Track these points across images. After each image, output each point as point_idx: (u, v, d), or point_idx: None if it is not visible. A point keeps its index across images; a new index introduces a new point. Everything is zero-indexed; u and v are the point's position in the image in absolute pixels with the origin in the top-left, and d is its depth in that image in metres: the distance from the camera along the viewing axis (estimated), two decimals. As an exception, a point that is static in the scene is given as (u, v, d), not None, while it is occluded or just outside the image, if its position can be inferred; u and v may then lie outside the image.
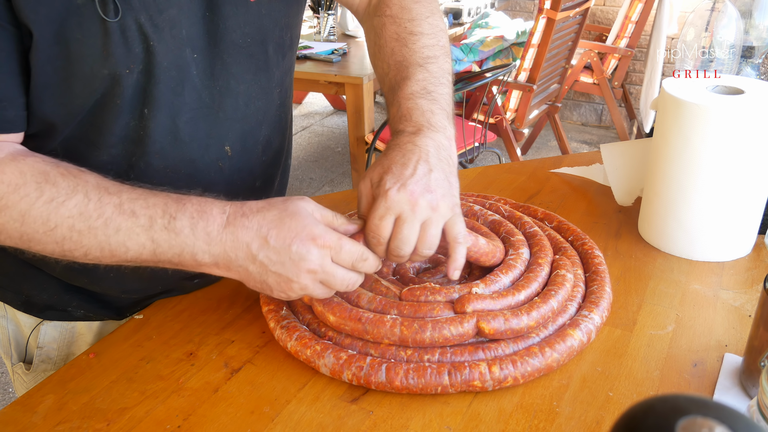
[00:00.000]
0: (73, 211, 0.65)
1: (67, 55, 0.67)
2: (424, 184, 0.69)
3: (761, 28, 1.09)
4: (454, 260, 0.73)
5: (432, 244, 0.71)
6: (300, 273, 0.67)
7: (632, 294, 0.84)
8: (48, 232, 0.65)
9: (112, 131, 0.74)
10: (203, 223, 0.67)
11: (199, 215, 0.67)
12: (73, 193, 0.65)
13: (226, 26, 0.77)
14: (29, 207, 0.64)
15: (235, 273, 0.69)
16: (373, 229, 0.69)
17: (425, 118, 0.76)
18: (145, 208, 0.66)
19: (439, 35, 0.86)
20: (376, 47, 0.88)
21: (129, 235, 0.66)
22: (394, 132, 0.77)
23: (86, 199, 0.65)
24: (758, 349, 0.66)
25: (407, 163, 0.70)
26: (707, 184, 0.87)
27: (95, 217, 0.65)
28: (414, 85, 0.79)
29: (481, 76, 2.69)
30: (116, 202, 0.66)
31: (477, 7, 3.80)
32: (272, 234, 0.66)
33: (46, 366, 0.93)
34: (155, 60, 0.71)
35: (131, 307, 0.90)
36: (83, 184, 0.66)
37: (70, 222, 0.65)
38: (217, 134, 0.81)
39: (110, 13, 0.67)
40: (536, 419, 0.65)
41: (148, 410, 0.67)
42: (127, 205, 0.66)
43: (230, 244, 0.67)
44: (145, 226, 0.66)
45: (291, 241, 0.66)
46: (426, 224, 0.69)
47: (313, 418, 0.66)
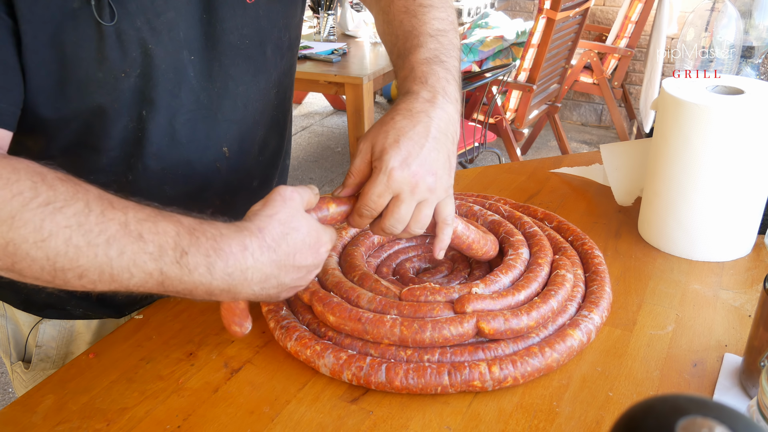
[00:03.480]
0: (72, 221, 0.55)
1: (61, 59, 0.66)
2: (429, 166, 0.67)
3: (761, 28, 1.09)
4: (440, 240, 0.73)
5: (424, 225, 0.70)
6: (311, 276, 0.68)
7: (632, 294, 0.84)
8: (39, 242, 0.54)
9: (110, 135, 0.74)
10: (222, 263, 0.60)
11: (216, 254, 0.59)
12: (72, 200, 0.56)
13: (224, 28, 0.77)
14: (21, 207, 0.54)
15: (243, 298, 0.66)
16: (370, 205, 0.68)
17: (441, 85, 0.72)
18: (154, 233, 0.58)
19: (449, 10, 0.84)
20: (385, 24, 0.85)
21: (134, 260, 0.57)
22: (406, 92, 0.73)
23: (87, 209, 0.56)
24: (758, 349, 0.66)
25: (415, 138, 0.67)
26: (707, 184, 0.87)
27: (96, 233, 0.56)
28: (427, 52, 0.76)
29: (481, 76, 2.70)
30: (122, 219, 0.57)
31: (477, 7, 3.80)
32: (298, 258, 0.65)
33: (44, 365, 0.93)
34: (153, 63, 0.71)
35: (130, 306, 0.90)
36: (84, 193, 0.57)
37: (67, 233, 0.55)
38: (215, 136, 0.81)
39: (106, 17, 0.66)
40: (536, 419, 0.65)
41: (148, 410, 0.67)
42: (133, 226, 0.57)
43: (257, 277, 0.63)
44: (153, 255, 0.57)
45: (311, 258, 0.66)
46: (421, 205, 0.69)
47: (313, 418, 0.66)
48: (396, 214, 0.68)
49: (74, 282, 0.58)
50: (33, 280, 0.58)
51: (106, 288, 0.59)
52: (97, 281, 0.58)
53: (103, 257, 0.56)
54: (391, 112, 0.70)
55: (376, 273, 0.84)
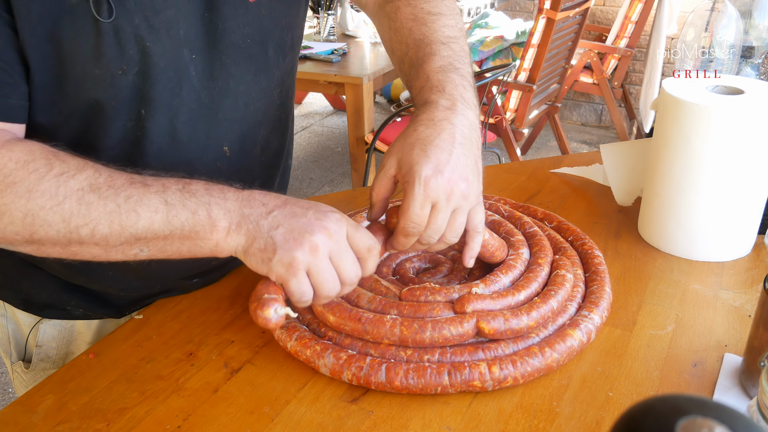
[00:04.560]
0: (83, 183, 0.63)
1: (58, 54, 0.67)
2: (461, 171, 0.66)
3: (761, 28, 1.09)
4: (470, 248, 0.73)
5: (459, 232, 0.69)
6: (315, 228, 0.63)
7: (632, 294, 0.84)
8: (55, 207, 0.62)
9: (109, 134, 0.74)
10: (218, 189, 0.66)
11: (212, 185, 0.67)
12: (84, 167, 0.64)
13: (225, 27, 0.77)
14: (38, 180, 0.62)
15: (245, 232, 0.64)
16: (414, 220, 0.66)
17: (458, 92, 0.72)
18: (156, 180, 0.65)
19: (457, 17, 0.84)
20: (392, 31, 0.85)
21: (141, 200, 0.63)
22: (424, 102, 0.72)
23: (97, 173, 0.64)
24: (758, 349, 0.66)
25: (443, 146, 0.67)
26: (707, 184, 0.87)
27: (106, 188, 0.63)
28: (441, 60, 0.76)
29: (481, 76, 2.69)
30: (127, 177, 0.65)
31: (477, 7, 3.80)
32: (290, 201, 0.66)
33: (45, 365, 0.93)
34: (151, 61, 0.71)
35: (130, 306, 0.90)
36: (92, 163, 0.65)
37: (80, 194, 0.62)
38: (215, 135, 0.81)
39: (104, 13, 0.67)
40: (536, 419, 0.65)
41: (148, 410, 0.67)
42: (138, 178, 0.65)
43: (246, 201, 0.65)
44: (158, 191, 0.64)
45: (309, 207, 0.65)
46: (455, 212, 0.68)
47: (313, 418, 0.66)
48: (433, 224, 0.67)
49: (88, 240, 0.63)
50: (50, 248, 0.64)
51: (115, 241, 0.64)
52: (108, 235, 0.63)
53: (112, 205, 0.63)
54: (413, 123, 0.70)
55: (376, 273, 0.84)
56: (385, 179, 0.70)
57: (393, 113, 2.68)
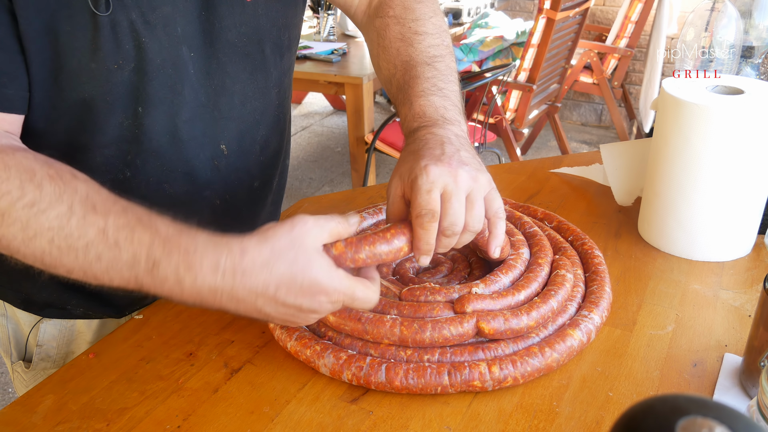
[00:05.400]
0: (54, 224, 0.58)
1: (55, 47, 0.67)
2: (458, 159, 0.67)
3: (761, 28, 1.09)
4: (495, 236, 0.71)
5: (481, 218, 0.67)
6: (308, 319, 0.65)
7: (632, 294, 0.84)
8: (27, 241, 0.58)
9: (104, 131, 0.74)
10: (190, 279, 0.58)
11: (186, 269, 0.58)
12: (57, 202, 0.59)
13: (222, 26, 0.77)
14: (9, 206, 0.58)
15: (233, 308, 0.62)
16: (424, 204, 0.64)
17: (439, 113, 0.74)
18: (129, 242, 0.59)
19: (443, 35, 0.86)
20: (380, 48, 0.87)
21: (112, 265, 0.59)
22: (410, 131, 0.75)
23: (69, 213, 0.59)
24: (758, 349, 0.66)
25: (434, 147, 0.68)
26: (707, 184, 0.87)
27: (76, 237, 0.58)
28: (424, 82, 0.78)
29: (481, 76, 2.69)
30: (101, 225, 0.59)
31: (477, 7, 3.80)
32: (281, 293, 0.60)
33: (45, 364, 0.93)
34: (147, 57, 0.71)
35: (130, 306, 0.90)
36: (70, 194, 0.59)
37: (50, 235, 0.58)
38: (212, 133, 0.81)
39: (101, 7, 0.67)
40: (536, 419, 0.65)
41: (148, 410, 0.67)
42: (111, 232, 0.59)
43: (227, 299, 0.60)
44: (128, 263, 0.59)
45: (302, 300, 0.61)
46: (470, 197, 0.66)
47: (313, 418, 0.66)
48: (451, 209, 0.65)
49: (66, 276, 0.61)
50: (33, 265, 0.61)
51: (95, 284, 0.61)
52: (85, 278, 0.61)
53: (83, 260, 0.59)
54: (403, 153, 0.72)
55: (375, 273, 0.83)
56: (396, 200, 0.69)
57: (393, 113, 2.68)
